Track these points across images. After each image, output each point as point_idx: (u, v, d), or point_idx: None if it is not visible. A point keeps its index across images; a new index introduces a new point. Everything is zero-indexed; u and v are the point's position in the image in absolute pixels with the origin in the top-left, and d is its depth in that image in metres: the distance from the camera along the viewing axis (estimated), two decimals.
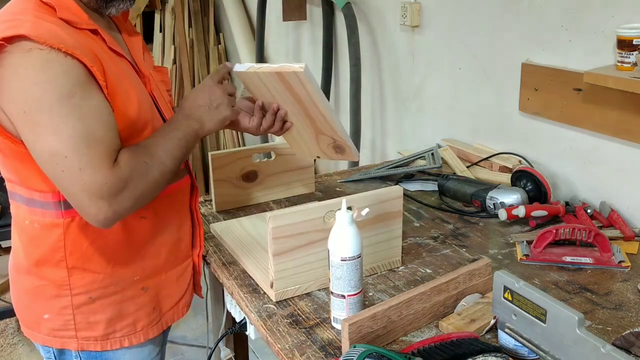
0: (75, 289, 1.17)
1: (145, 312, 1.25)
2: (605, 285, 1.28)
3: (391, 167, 1.97)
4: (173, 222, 1.27)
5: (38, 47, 0.99)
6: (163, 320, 1.29)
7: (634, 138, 1.51)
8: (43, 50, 0.99)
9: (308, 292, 1.27)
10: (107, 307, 1.20)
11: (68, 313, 1.18)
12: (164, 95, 1.28)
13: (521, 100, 1.81)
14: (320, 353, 1.08)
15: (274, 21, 3.33)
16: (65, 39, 1.02)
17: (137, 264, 1.22)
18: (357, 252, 1.10)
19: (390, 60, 2.42)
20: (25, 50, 0.99)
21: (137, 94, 1.14)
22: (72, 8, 1.10)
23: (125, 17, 1.28)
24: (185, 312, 1.35)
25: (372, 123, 2.65)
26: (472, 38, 1.98)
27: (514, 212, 1.53)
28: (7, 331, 2.88)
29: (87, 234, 1.15)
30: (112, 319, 1.21)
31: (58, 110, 1.00)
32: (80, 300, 1.18)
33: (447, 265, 1.38)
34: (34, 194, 1.13)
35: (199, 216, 1.35)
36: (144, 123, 1.14)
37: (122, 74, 1.12)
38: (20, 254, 1.20)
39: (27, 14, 1.03)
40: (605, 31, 1.53)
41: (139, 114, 1.13)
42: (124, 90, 1.10)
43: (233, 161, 1.63)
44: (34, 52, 0.99)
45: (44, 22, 1.03)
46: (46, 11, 1.06)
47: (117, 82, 1.09)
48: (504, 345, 1.04)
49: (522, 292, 0.95)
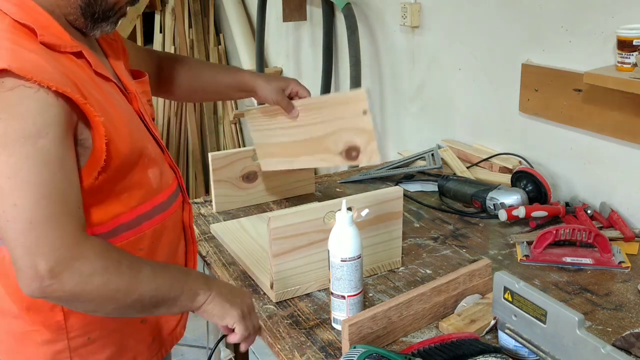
0: (72, 332, 1.07)
1: (146, 344, 1.18)
2: (606, 286, 1.28)
3: (391, 167, 1.97)
4: (167, 248, 1.18)
5: (24, 85, 0.86)
6: (163, 349, 1.22)
7: (634, 139, 1.51)
8: (31, 89, 0.87)
9: (308, 293, 1.26)
10: (106, 345, 1.11)
11: (65, 357, 1.08)
12: (148, 111, 1.19)
13: (521, 101, 1.81)
14: (321, 354, 1.08)
15: (274, 22, 3.33)
16: (52, 72, 0.89)
17: None
18: (357, 253, 1.10)
19: (390, 60, 2.42)
20: (7, 88, 0.86)
21: (127, 123, 1.04)
22: (52, 28, 0.97)
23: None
24: (182, 334, 1.29)
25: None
26: (472, 38, 1.98)
27: (514, 212, 1.53)
28: None
29: None
30: (112, 356, 1.12)
31: (19, 149, 0.85)
32: (78, 343, 1.08)
33: (447, 266, 1.38)
34: None
35: (193, 234, 1.27)
36: (138, 152, 1.06)
37: (110, 103, 1.01)
38: (6, 299, 1.06)
39: (2, 40, 0.90)
40: (605, 32, 1.53)
41: (132, 144, 1.03)
42: (112, 124, 0.99)
43: (233, 162, 1.63)
44: (17, 90, 0.86)
45: (24, 50, 0.90)
46: (23, 34, 0.93)
47: (106, 116, 0.97)
48: (504, 346, 1.04)
49: (522, 293, 0.95)
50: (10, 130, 0.86)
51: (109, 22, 1.06)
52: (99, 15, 1.03)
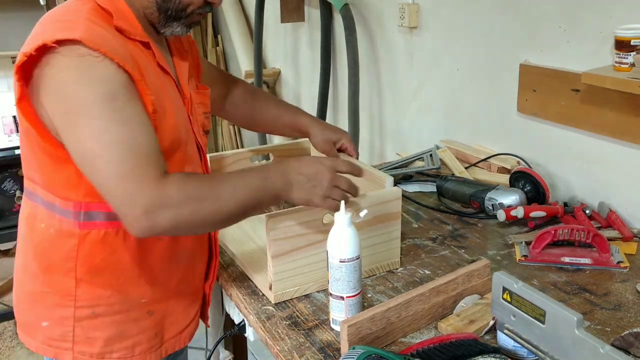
0: (80, 301, 1.14)
1: (147, 336, 1.20)
2: (604, 286, 1.28)
3: (390, 168, 1.97)
4: (190, 250, 1.23)
5: (91, 54, 0.97)
6: (163, 348, 1.24)
7: (632, 138, 1.51)
8: (96, 58, 0.97)
9: (307, 294, 1.26)
10: (108, 325, 1.16)
11: (68, 324, 1.15)
12: (198, 119, 1.25)
13: (519, 101, 1.81)
14: (320, 355, 1.08)
15: (272, 23, 3.33)
16: (117, 48, 1.00)
17: (147, 286, 1.18)
18: (355, 254, 1.10)
19: (389, 61, 2.43)
20: (77, 54, 0.97)
21: (175, 114, 1.12)
22: (128, 17, 1.08)
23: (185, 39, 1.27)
24: (187, 342, 1.30)
25: (370, 124, 2.65)
26: (471, 39, 1.98)
27: (513, 213, 1.53)
28: (5, 334, 2.87)
29: (101, 248, 1.12)
30: (112, 338, 1.17)
31: (100, 112, 0.97)
32: (83, 314, 1.15)
33: (445, 266, 1.38)
34: (56, 199, 1.10)
35: (217, 247, 1.32)
36: (177, 144, 1.12)
37: (164, 92, 1.10)
38: (30, 255, 1.17)
39: (80, 16, 1.01)
40: (603, 32, 1.53)
41: (174, 134, 1.11)
42: (162, 109, 1.08)
43: (231, 163, 1.63)
44: (86, 57, 0.97)
45: (97, 27, 1.01)
46: (101, 16, 1.04)
47: (158, 100, 1.07)
48: (503, 346, 1.04)
49: (521, 293, 0.95)
50: (88, 95, 0.97)
51: (180, 23, 1.15)
52: (172, 12, 1.12)
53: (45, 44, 0.96)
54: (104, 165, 0.98)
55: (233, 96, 1.51)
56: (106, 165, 0.97)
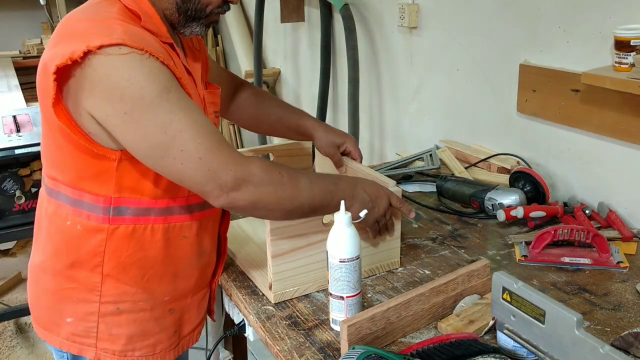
0: (105, 296, 1.14)
1: (167, 334, 1.22)
2: (604, 286, 1.28)
3: (389, 168, 1.97)
4: (207, 247, 1.24)
5: (134, 52, 0.98)
6: (180, 346, 1.25)
7: (632, 139, 1.51)
8: (142, 55, 0.99)
9: (307, 294, 1.27)
10: (132, 322, 1.17)
11: (92, 320, 1.15)
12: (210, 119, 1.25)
13: (519, 101, 1.81)
14: (319, 355, 1.08)
15: (272, 23, 3.33)
16: (157, 46, 1.03)
17: (170, 283, 1.19)
18: (355, 254, 1.10)
19: (389, 61, 2.43)
20: (121, 53, 0.98)
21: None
22: (154, 19, 1.10)
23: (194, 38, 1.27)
24: (198, 339, 1.32)
25: (370, 124, 2.65)
26: (470, 39, 1.98)
27: (513, 213, 1.53)
28: (5, 334, 2.87)
29: (129, 243, 1.12)
30: (134, 336, 1.17)
31: (159, 106, 0.99)
32: (108, 310, 1.15)
33: (445, 266, 1.38)
34: (85, 195, 1.10)
35: (226, 245, 1.33)
36: None
37: (191, 92, 1.11)
38: (51, 254, 1.16)
39: (113, 20, 1.02)
40: (602, 32, 1.53)
41: None
42: None
43: None
44: (131, 55, 0.98)
45: (134, 27, 1.03)
46: (130, 18, 1.06)
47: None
48: (502, 346, 1.04)
49: (520, 293, 0.95)
50: (145, 92, 0.99)
51: (199, 24, 1.16)
52: (191, 13, 1.14)
53: (90, 50, 0.97)
54: (179, 155, 1.00)
55: (239, 98, 1.52)
56: (181, 154, 1.00)
